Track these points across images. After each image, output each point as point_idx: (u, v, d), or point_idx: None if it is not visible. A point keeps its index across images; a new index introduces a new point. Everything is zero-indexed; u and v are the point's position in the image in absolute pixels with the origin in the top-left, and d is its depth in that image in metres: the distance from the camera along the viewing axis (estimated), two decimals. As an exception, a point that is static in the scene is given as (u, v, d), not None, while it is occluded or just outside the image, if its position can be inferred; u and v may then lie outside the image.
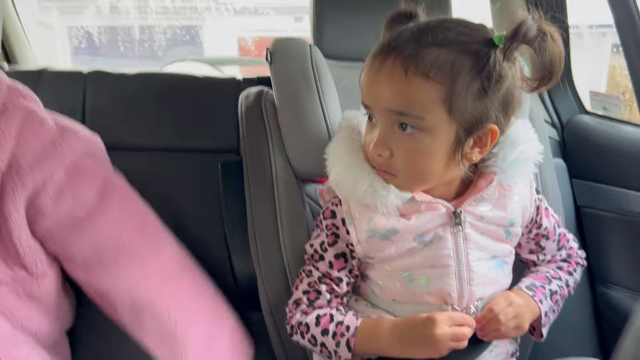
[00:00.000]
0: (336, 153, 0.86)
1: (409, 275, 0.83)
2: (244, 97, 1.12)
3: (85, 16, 2.73)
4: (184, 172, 1.25)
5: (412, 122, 0.74)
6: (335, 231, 0.86)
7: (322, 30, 1.19)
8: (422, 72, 0.72)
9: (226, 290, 1.17)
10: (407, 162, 0.77)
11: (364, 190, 0.80)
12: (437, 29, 0.75)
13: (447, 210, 0.82)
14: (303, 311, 0.86)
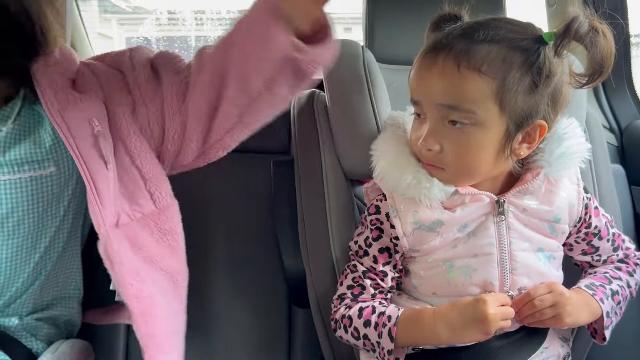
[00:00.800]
0: (382, 148, 0.89)
1: (451, 266, 0.84)
2: (297, 98, 1.15)
3: (144, 26, 2.84)
4: (237, 172, 1.29)
5: (464, 116, 0.76)
6: (380, 226, 0.88)
7: (374, 34, 1.21)
8: (473, 67, 0.75)
9: (276, 287, 1.20)
10: (457, 156, 0.79)
11: (408, 182, 0.82)
12: (487, 27, 0.77)
13: (490, 200, 0.83)
14: (347, 305, 0.87)
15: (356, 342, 0.86)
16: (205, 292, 1.22)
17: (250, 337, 1.22)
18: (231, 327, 1.22)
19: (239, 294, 1.23)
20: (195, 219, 1.24)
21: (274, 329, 1.23)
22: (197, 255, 1.22)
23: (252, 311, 1.23)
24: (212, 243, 1.25)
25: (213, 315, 1.22)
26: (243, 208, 1.26)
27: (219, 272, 1.24)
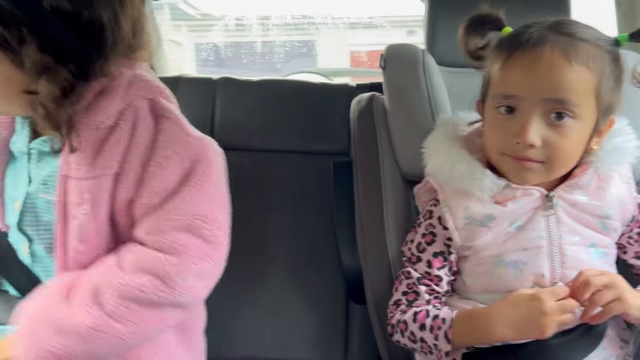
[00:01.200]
0: (433, 145, 0.92)
1: (501, 261, 0.84)
2: (357, 101, 1.18)
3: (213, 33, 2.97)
4: (298, 172, 1.34)
5: (569, 109, 0.77)
6: (433, 230, 0.90)
7: (435, 37, 1.21)
8: (582, 61, 0.76)
9: (335, 283, 1.23)
10: (558, 150, 0.79)
11: (461, 173, 0.85)
12: (572, 25, 0.80)
13: (540, 194, 0.84)
14: (402, 311, 0.89)
15: (413, 346, 0.87)
16: (265, 286, 1.27)
17: (308, 330, 1.25)
18: (290, 319, 1.26)
19: (298, 288, 1.27)
20: (256, 216, 1.30)
21: (332, 324, 1.26)
22: (257, 250, 1.28)
23: (311, 305, 1.26)
24: (272, 239, 1.30)
25: (272, 308, 1.26)
26: (304, 206, 1.31)
27: (279, 267, 1.28)
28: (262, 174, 1.33)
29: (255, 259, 1.29)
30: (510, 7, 0.89)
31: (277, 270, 1.28)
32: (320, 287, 1.27)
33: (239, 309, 1.26)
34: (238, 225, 1.28)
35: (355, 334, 1.24)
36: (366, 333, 1.16)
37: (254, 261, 1.28)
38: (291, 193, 1.32)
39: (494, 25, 0.88)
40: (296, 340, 1.25)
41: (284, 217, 1.31)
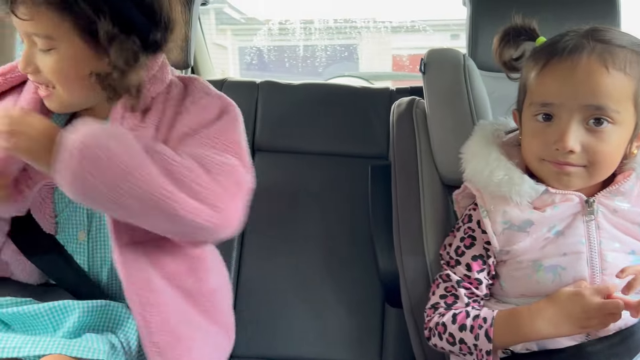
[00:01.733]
0: (471, 150, 0.92)
1: (540, 266, 0.83)
2: (396, 105, 1.19)
3: (257, 37, 3.03)
4: (337, 174, 1.35)
5: (608, 115, 0.78)
6: (472, 234, 0.91)
7: (477, 42, 1.21)
8: (619, 67, 0.77)
9: (371, 286, 1.23)
10: (599, 154, 0.79)
11: (500, 178, 0.85)
12: (608, 32, 0.80)
13: (580, 200, 0.84)
14: (440, 313, 0.89)
15: (452, 348, 0.87)
16: (303, 287, 1.29)
17: (344, 332, 1.26)
18: (327, 321, 1.27)
19: (335, 290, 1.28)
20: (295, 218, 1.33)
21: (368, 326, 1.26)
22: (295, 251, 1.30)
23: (347, 307, 1.27)
24: (310, 241, 1.31)
25: (309, 309, 1.28)
26: (342, 209, 1.32)
27: (317, 268, 1.30)
28: (301, 176, 1.35)
29: (293, 260, 1.31)
30: (557, 13, 0.89)
31: (314, 272, 1.29)
32: (356, 289, 1.28)
33: (277, 309, 1.28)
34: (277, 226, 1.32)
35: (390, 337, 1.25)
36: (402, 337, 1.16)
37: (292, 262, 1.31)
38: (330, 195, 1.33)
39: (528, 36, 0.89)
40: (332, 342, 1.25)
41: (322, 219, 1.32)
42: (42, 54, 0.83)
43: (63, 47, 0.82)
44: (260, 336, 1.27)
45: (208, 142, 0.85)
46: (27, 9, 0.79)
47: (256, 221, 1.32)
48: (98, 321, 0.88)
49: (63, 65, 0.84)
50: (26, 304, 0.86)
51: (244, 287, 1.29)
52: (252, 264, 1.31)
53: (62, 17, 0.79)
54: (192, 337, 0.90)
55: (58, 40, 0.82)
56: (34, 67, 0.84)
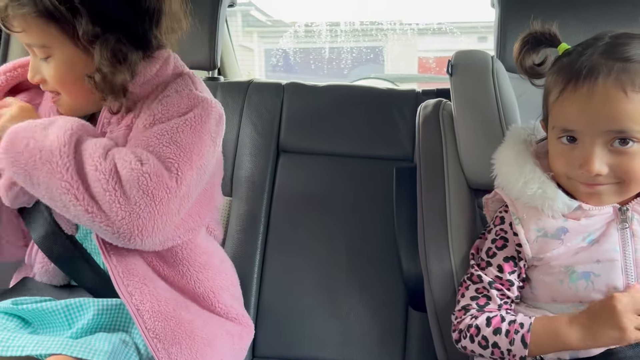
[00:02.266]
0: (504, 157, 0.90)
1: (572, 272, 0.82)
2: (423, 107, 1.18)
3: (283, 39, 3.05)
4: (361, 176, 1.34)
5: (634, 136, 0.76)
6: (504, 235, 0.90)
7: (506, 44, 1.19)
8: (639, 88, 0.74)
9: (395, 288, 1.23)
10: (630, 173, 0.78)
11: (534, 191, 0.83)
12: (626, 47, 0.77)
13: (614, 208, 0.83)
14: (472, 315, 0.87)
15: (482, 352, 0.85)
16: (326, 288, 1.29)
17: (367, 335, 1.25)
18: (350, 323, 1.26)
19: (359, 292, 1.27)
20: (318, 219, 1.33)
21: (391, 329, 1.25)
22: (319, 252, 1.30)
23: (370, 310, 1.26)
24: (334, 242, 1.31)
25: (333, 310, 1.27)
26: (366, 210, 1.32)
27: (340, 270, 1.29)
28: (325, 178, 1.35)
29: (317, 261, 1.31)
30: (589, 13, 0.88)
31: (337, 273, 1.29)
32: (380, 292, 1.27)
33: (300, 309, 1.28)
34: (300, 226, 1.32)
35: (413, 341, 1.23)
36: (425, 340, 1.15)
37: (315, 263, 1.31)
38: (354, 197, 1.33)
39: (549, 43, 0.87)
40: (355, 344, 1.25)
41: (346, 221, 1.32)
42: (43, 63, 0.88)
43: (57, 53, 0.86)
44: (282, 336, 1.27)
45: (153, 138, 0.85)
46: (17, 22, 0.83)
47: (279, 222, 1.33)
48: (112, 319, 0.90)
49: (60, 70, 0.88)
50: (46, 302, 0.89)
51: (267, 287, 1.30)
52: (276, 264, 1.31)
53: (48, 24, 0.83)
54: (192, 321, 0.91)
55: (52, 47, 0.86)
56: (40, 76, 0.89)
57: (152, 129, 0.87)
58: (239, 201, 1.33)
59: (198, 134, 0.88)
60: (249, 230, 1.31)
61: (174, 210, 0.84)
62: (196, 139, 0.88)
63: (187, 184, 0.85)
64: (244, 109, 1.38)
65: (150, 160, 0.82)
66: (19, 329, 0.89)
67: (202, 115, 0.89)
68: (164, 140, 0.85)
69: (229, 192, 1.34)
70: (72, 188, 0.78)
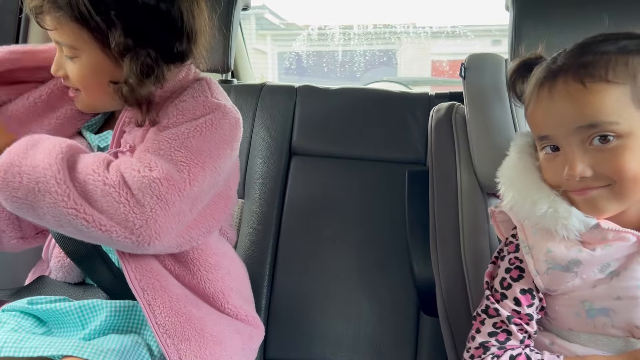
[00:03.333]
0: (508, 175, 0.84)
1: (590, 306, 0.77)
2: (435, 110, 1.17)
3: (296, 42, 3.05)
4: (373, 179, 1.34)
5: (608, 130, 0.71)
6: (519, 265, 0.83)
7: (520, 47, 1.18)
8: (599, 78, 0.71)
9: (406, 293, 1.22)
10: (619, 171, 0.72)
11: (544, 212, 0.77)
12: (592, 43, 0.75)
13: (637, 239, 0.75)
14: (493, 354, 0.81)
15: None
16: (337, 291, 1.29)
17: (377, 338, 1.25)
18: (360, 326, 1.26)
19: (369, 295, 1.27)
20: (330, 222, 1.33)
21: (401, 334, 1.25)
22: (330, 255, 1.30)
23: (381, 313, 1.26)
24: (346, 245, 1.31)
25: (343, 313, 1.27)
26: (378, 214, 1.31)
27: (351, 273, 1.29)
28: (338, 180, 1.36)
29: (327, 264, 1.31)
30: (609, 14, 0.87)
31: (348, 276, 1.29)
32: (391, 295, 1.26)
33: (311, 312, 1.28)
34: (312, 229, 1.32)
35: (424, 346, 1.23)
36: (436, 345, 1.15)
37: (326, 266, 1.31)
38: (366, 200, 1.33)
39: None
40: (366, 347, 1.25)
41: (358, 224, 1.32)
42: (68, 61, 0.90)
43: (84, 56, 0.88)
44: (293, 339, 1.27)
45: (164, 142, 0.86)
46: (51, 20, 0.85)
47: (291, 224, 1.33)
48: (125, 321, 0.92)
49: (85, 72, 0.90)
50: (60, 302, 0.90)
51: (278, 289, 1.30)
52: (287, 266, 1.31)
53: (80, 29, 0.85)
54: (202, 318, 0.92)
55: (80, 49, 0.87)
56: (63, 71, 0.91)
57: (165, 132, 0.87)
58: (251, 203, 1.34)
59: (210, 137, 0.89)
60: (261, 232, 1.31)
61: (186, 210, 0.85)
62: (208, 143, 0.88)
63: (199, 185, 0.85)
64: (257, 112, 1.39)
65: (159, 164, 0.82)
66: (34, 327, 0.90)
67: (214, 120, 0.90)
68: (174, 145, 0.86)
69: (242, 194, 1.35)
70: (80, 212, 0.77)
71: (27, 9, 0.87)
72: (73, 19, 0.83)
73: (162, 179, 0.81)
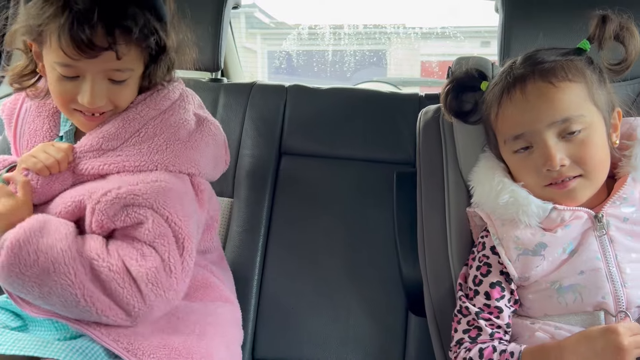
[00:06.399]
0: (476, 177, 0.96)
1: (559, 285, 0.83)
2: (423, 112, 1.18)
3: (286, 41, 3.04)
4: (362, 179, 1.35)
5: (577, 122, 0.83)
6: (487, 261, 0.91)
7: (509, 49, 1.19)
8: (563, 78, 0.84)
9: (394, 293, 1.22)
10: (587, 160, 0.83)
11: (505, 201, 0.87)
12: (536, 55, 0.88)
13: (589, 216, 0.86)
14: (466, 348, 0.88)
15: None
16: (326, 291, 1.29)
17: (366, 338, 1.26)
18: (348, 326, 1.26)
19: (358, 295, 1.28)
20: (319, 221, 1.33)
21: (390, 333, 1.25)
22: (319, 255, 1.31)
23: (369, 314, 1.26)
24: (335, 245, 1.31)
25: (331, 313, 1.28)
26: (367, 214, 1.32)
27: (340, 273, 1.30)
28: (327, 180, 1.36)
29: (316, 264, 1.31)
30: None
31: (337, 276, 1.29)
32: (379, 296, 1.27)
33: (299, 312, 1.28)
34: (301, 229, 1.32)
35: (413, 346, 1.23)
36: (424, 345, 1.15)
37: (315, 266, 1.31)
38: (355, 200, 1.33)
39: (472, 86, 0.97)
40: (354, 347, 1.25)
41: (347, 224, 1.32)
42: (114, 86, 0.90)
43: (134, 75, 0.92)
44: (282, 338, 1.27)
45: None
46: (124, 48, 0.86)
47: (281, 224, 1.33)
48: None
49: (133, 89, 0.94)
50: None
51: (267, 289, 1.30)
52: (276, 266, 1.31)
53: (142, 50, 0.90)
54: (185, 341, 0.92)
55: (136, 69, 0.91)
56: (105, 100, 0.91)
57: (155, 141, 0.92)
58: (240, 202, 1.33)
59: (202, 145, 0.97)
60: (250, 231, 1.31)
61: (187, 275, 0.90)
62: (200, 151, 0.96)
63: (191, 244, 0.90)
64: (247, 111, 1.39)
65: (153, 254, 0.85)
66: (10, 321, 0.90)
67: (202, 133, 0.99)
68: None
69: (231, 194, 1.35)
70: (87, 296, 0.80)
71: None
72: (140, 43, 0.88)
73: (158, 267, 0.85)
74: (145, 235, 0.86)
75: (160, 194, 0.87)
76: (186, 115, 0.97)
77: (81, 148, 0.92)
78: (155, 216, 0.86)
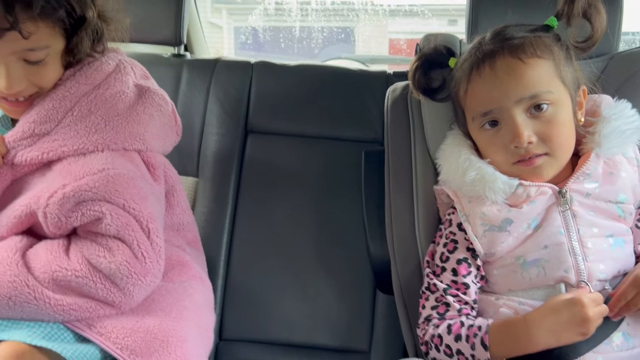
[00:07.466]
0: (443, 155, 0.96)
1: (524, 260, 0.85)
2: (391, 90, 1.16)
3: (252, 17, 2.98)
4: (330, 158, 1.34)
5: (545, 98, 0.84)
6: (454, 237, 0.92)
7: (477, 27, 1.18)
8: (532, 54, 0.84)
9: (362, 272, 1.23)
10: (553, 137, 0.84)
11: (472, 178, 0.88)
12: (505, 31, 0.88)
13: (553, 191, 0.87)
14: (435, 325, 0.88)
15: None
16: (292, 271, 1.29)
17: (333, 317, 1.26)
18: (316, 305, 1.27)
19: (325, 275, 1.28)
20: (285, 201, 1.31)
21: (358, 312, 1.26)
22: (286, 234, 1.30)
23: (337, 293, 1.27)
24: (303, 224, 1.31)
25: (298, 293, 1.27)
26: (335, 193, 1.31)
27: (307, 253, 1.29)
28: (294, 159, 1.34)
29: (283, 244, 1.30)
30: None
31: (305, 256, 1.29)
32: (347, 275, 1.27)
33: (267, 292, 1.27)
34: (268, 208, 1.31)
35: (380, 324, 1.25)
36: (392, 323, 1.16)
37: (282, 246, 1.30)
38: (323, 179, 1.32)
39: (440, 63, 0.97)
40: (321, 327, 1.25)
41: (315, 203, 1.31)
42: (32, 67, 0.84)
43: (53, 52, 0.85)
44: (250, 319, 1.27)
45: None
46: (29, 25, 0.79)
47: (247, 204, 1.32)
48: None
49: (56, 66, 0.88)
50: None
51: (234, 270, 1.29)
52: (243, 246, 1.30)
53: (53, 25, 0.83)
54: (161, 324, 0.90)
55: (54, 45, 0.85)
56: (25, 84, 0.85)
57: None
58: (205, 182, 1.30)
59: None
60: (216, 212, 1.29)
61: (161, 255, 0.88)
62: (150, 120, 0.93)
63: (156, 223, 0.87)
64: (211, 88, 1.35)
65: (121, 246, 0.83)
66: None
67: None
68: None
69: (195, 173, 1.32)
70: (61, 311, 0.80)
71: None
72: (47, 17, 0.81)
73: (128, 259, 0.83)
74: (107, 230, 0.83)
75: (110, 183, 0.83)
76: (124, 87, 0.91)
77: (13, 137, 0.86)
78: (111, 208, 0.82)
